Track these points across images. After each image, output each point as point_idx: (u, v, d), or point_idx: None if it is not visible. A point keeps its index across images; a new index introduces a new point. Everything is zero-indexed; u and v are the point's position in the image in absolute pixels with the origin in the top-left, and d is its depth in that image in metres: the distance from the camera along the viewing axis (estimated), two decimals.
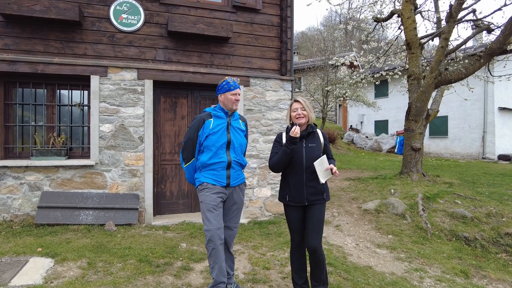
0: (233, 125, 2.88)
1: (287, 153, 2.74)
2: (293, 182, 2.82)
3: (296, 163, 2.79)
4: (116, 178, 5.12)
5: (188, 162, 2.85)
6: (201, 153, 2.84)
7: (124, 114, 5.16)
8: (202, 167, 2.81)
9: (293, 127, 2.71)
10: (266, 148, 5.82)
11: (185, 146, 2.84)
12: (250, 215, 5.68)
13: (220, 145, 2.77)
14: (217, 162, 2.77)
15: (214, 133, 2.77)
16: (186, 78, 5.40)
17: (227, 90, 2.85)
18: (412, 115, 7.66)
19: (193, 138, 2.80)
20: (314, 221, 2.76)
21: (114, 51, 5.15)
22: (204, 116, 2.85)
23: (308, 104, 2.91)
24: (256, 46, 5.81)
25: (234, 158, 2.83)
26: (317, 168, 2.71)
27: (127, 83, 5.17)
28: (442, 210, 5.73)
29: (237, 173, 2.88)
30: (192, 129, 2.82)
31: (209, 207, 2.72)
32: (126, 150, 5.17)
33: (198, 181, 2.85)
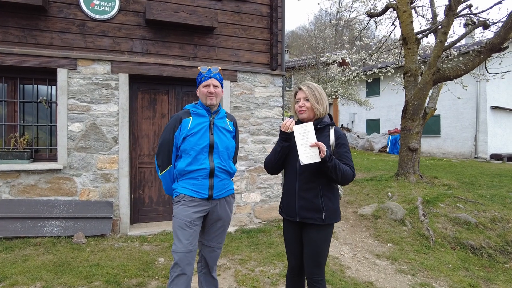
0: (217, 124, 2.39)
1: (276, 151, 2.23)
2: (286, 190, 2.30)
3: (289, 166, 2.26)
4: (87, 184, 4.57)
5: (164, 169, 2.36)
6: (179, 158, 2.36)
7: (96, 112, 4.61)
8: (180, 175, 2.33)
9: (285, 119, 2.17)
10: (255, 149, 5.34)
11: (160, 150, 2.36)
12: (238, 222, 5.20)
13: (200, 149, 2.28)
14: (197, 169, 2.28)
15: (193, 134, 2.28)
16: (166, 71, 4.87)
17: (199, 82, 2.38)
18: (409, 113, 7.29)
19: (168, 141, 2.32)
20: (310, 249, 2.17)
21: (84, 42, 4.59)
22: (181, 114, 2.36)
23: (317, 92, 2.21)
24: (244, 38, 5.32)
25: (218, 164, 2.34)
26: (297, 137, 2.05)
27: (99, 77, 4.62)
28: (443, 215, 5.36)
29: (222, 183, 2.38)
30: (167, 129, 2.34)
31: (181, 223, 2.23)
32: (98, 152, 4.62)
33: (175, 192, 2.36)
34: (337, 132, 2.21)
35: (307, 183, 2.14)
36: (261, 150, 5.38)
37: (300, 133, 2.05)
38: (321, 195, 2.13)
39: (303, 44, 20.01)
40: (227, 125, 2.48)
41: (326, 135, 2.19)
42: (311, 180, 2.13)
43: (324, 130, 2.22)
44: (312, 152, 2.02)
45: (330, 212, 2.14)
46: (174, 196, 2.36)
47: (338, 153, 2.15)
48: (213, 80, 2.36)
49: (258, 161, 5.35)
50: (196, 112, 2.37)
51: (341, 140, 2.19)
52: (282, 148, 2.21)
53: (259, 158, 5.36)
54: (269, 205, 5.41)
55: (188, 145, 2.27)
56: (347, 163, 2.14)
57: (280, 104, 5.51)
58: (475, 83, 13.74)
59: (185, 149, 2.29)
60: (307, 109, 2.19)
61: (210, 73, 2.38)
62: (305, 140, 2.03)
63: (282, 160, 2.26)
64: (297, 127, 2.06)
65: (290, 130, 2.12)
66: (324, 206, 2.12)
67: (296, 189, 2.18)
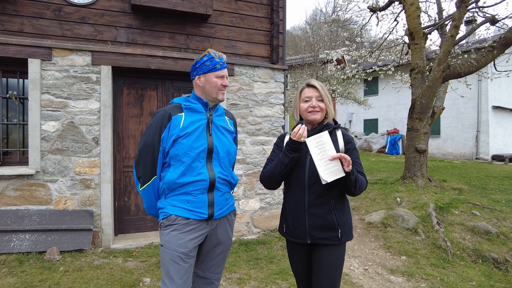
0: (216, 123, 1.90)
1: (284, 163, 1.83)
2: (291, 207, 1.92)
3: (295, 178, 1.90)
4: (63, 191, 4.02)
5: (147, 182, 1.82)
6: (167, 167, 1.83)
7: (74, 109, 4.06)
8: (170, 189, 1.80)
9: (297, 126, 1.80)
10: (254, 151, 4.83)
11: (141, 157, 1.82)
12: (235, 233, 4.68)
13: (197, 154, 1.78)
14: (193, 181, 1.77)
15: (187, 134, 1.78)
16: (154, 64, 4.34)
17: (210, 70, 1.85)
18: (416, 112, 6.84)
19: (153, 144, 1.79)
20: (324, 275, 1.84)
21: (61, 29, 4.04)
22: (170, 110, 1.84)
23: (327, 92, 1.96)
24: (241, 28, 4.81)
25: (219, 174, 1.84)
26: (313, 151, 1.73)
27: (78, 70, 4.07)
28: (459, 223, 4.90)
29: (223, 198, 1.88)
30: (151, 129, 1.81)
31: (174, 256, 1.72)
32: (76, 154, 4.07)
33: (163, 212, 1.82)
34: (346, 136, 1.95)
35: (318, 197, 1.83)
36: (260, 152, 4.87)
37: (316, 146, 1.74)
38: (335, 210, 1.85)
39: (301, 41, 19.55)
40: (227, 124, 1.98)
41: (334, 140, 1.89)
42: (322, 193, 1.83)
43: (331, 134, 1.92)
44: (333, 166, 1.72)
45: (346, 228, 1.88)
46: (161, 217, 1.83)
47: None
48: (226, 71, 1.91)
49: (257, 164, 4.84)
50: (189, 106, 1.85)
51: (351, 145, 1.93)
52: (292, 160, 1.83)
53: (258, 161, 4.85)
54: (269, 213, 4.90)
55: (180, 149, 1.76)
56: (359, 170, 1.88)
57: (281, 101, 5.01)
58: (477, 82, 13.40)
59: (176, 155, 1.77)
60: (320, 110, 1.90)
61: (224, 62, 1.90)
62: (323, 154, 1.73)
63: (288, 173, 1.90)
64: (311, 140, 1.75)
65: (303, 139, 1.77)
66: (340, 222, 1.85)
67: (306, 205, 1.85)
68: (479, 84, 13.63)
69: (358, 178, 1.80)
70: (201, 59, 1.87)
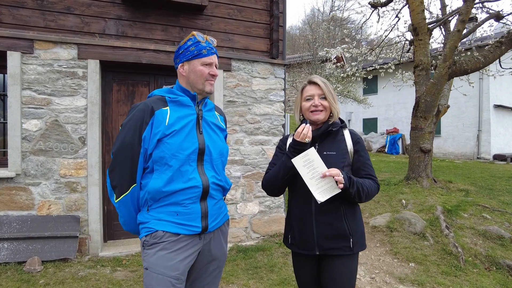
0: (206, 119, 1.61)
1: (287, 166, 1.65)
2: (297, 214, 1.74)
3: (300, 183, 1.67)
4: (47, 195, 3.72)
5: (124, 192, 1.50)
6: (149, 173, 1.53)
7: (59, 107, 3.76)
8: (154, 200, 1.50)
9: (301, 125, 1.63)
10: (253, 151, 4.55)
11: (117, 161, 1.51)
12: (233, 238, 4.39)
13: (187, 156, 1.49)
14: (184, 188, 1.47)
15: (175, 133, 1.48)
16: (145, 58, 4.04)
17: (195, 56, 1.56)
18: (420, 111, 6.58)
19: (131, 145, 1.48)
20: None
21: (44, 20, 3.74)
22: (152, 103, 1.53)
23: (331, 88, 1.77)
24: (239, 20, 4.52)
25: (213, 179, 1.56)
26: (301, 172, 1.58)
27: (63, 64, 3.77)
28: (470, 227, 4.65)
29: (218, 206, 1.61)
30: (129, 127, 1.50)
31: (163, 281, 1.41)
32: (61, 155, 3.77)
33: (145, 228, 1.52)
34: (354, 135, 1.78)
35: (326, 203, 1.62)
36: (259, 153, 4.59)
37: (304, 166, 1.58)
38: (345, 216, 1.68)
39: (299, 39, 19.28)
40: (218, 121, 1.70)
41: (341, 140, 1.75)
42: (331, 198, 1.61)
43: (338, 133, 1.78)
44: (326, 183, 1.57)
45: (358, 236, 1.70)
46: (143, 234, 1.53)
47: (358, 162, 1.73)
48: (214, 57, 1.61)
49: (256, 165, 4.56)
50: (175, 99, 1.56)
51: (360, 145, 1.76)
52: None
53: (257, 162, 4.57)
54: (268, 217, 4.62)
55: (167, 150, 1.47)
56: (369, 173, 1.72)
57: (281, 98, 4.73)
58: (478, 81, 13.19)
59: (162, 158, 1.48)
60: (324, 109, 1.73)
61: (212, 47, 1.60)
62: (313, 172, 1.57)
63: (292, 178, 1.71)
64: (296, 159, 1.59)
65: (308, 140, 1.62)
66: (351, 230, 1.68)
67: (313, 212, 1.68)
68: (481, 83, 13.43)
69: (363, 187, 1.62)
70: (184, 43, 1.58)
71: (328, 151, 1.69)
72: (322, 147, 1.72)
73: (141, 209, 1.57)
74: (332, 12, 22.73)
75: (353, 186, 1.57)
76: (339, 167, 1.61)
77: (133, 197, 1.54)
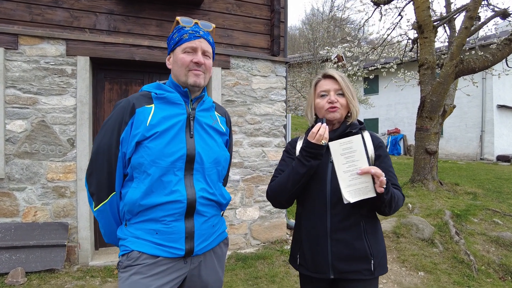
0: (200, 120, 1.37)
1: (299, 173, 1.40)
2: (308, 230, 1.48)
3: (313, 193, 1.46)
4: (33, 200, 3.48)
5: (102, 201, 1.30)
6: (129, 181, 1.32)
7: (46, 106, 3.52)
8: (131, 213, 1.28)
9: (316, 125, 1.38)
10: (253, 153, 4.32)
11: (94, 166, 1.30)
12: (231, 245, 4.16)
13: (170, 164, 1.25)
14: (164, 202, 1.24)
15: (157, 135, 1.26)
16: (138, 55, 3.81)
17: (176, 44, 1.34)
18: (426, 111, 6.36)
19: (108, 149, 1.28)
20: None
21: (30, 14, 3.50)
22: (135, 100, 1.31)
23: (350, 84, 1.51)
24: (238, 16, 4.29)
25: (203, 192, 1.31)
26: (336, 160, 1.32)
27: (50, 61, 3.53)
28: (481, 233, 4.42)
29: (209, 224, 1.35)
30: (107, 128, 1.30)
31: None
32: (49, 158, 3.54)
33: (122, 246, 1.30)
34: (376, 139, 1.53)
35: (345, 218, 1.41)
36: (259, 155, 4.35)
37: (341, 154, 1.32)
38: (366, 234, 1.43)
39: (300, 38, 19.07)
40: (217, 123, 1.45)
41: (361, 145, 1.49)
42: (350, 213, 1.42)
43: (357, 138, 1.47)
44: (361, 182, 1.30)
45: (380, 258, 1.46)
46: (120, 253, 1.31)
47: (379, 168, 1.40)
48: (202, 41, 1.34)
49: (256, 168, 4.32)
50: (162, 96, 1.33)
51: (382, 150, 1.51)
52: (309, 170, 1.40)
53: (258, 165, 4.33)
54: (269, 223, 4.39)
55: (146, 156, 1.24)
56: (393, 183, 1.46)
57: (283, 98, 4.50)
58: (481, 81, 12.98)
59: (140, 164, 1.25)
60: (341, 106, 1.47)
61: (198, 29, 1.35)
62: (350, 165, 1.31)
63: (304, 187, 1.47)
64: (335, 144, 1.32)
65: (325, 142, 1.35)
66: (372, 250, 1.42)
67: (328, 230, 1.42)
68: (484, 83, 13.23)
69: (394, 195, 1.38)
70: (171, 33, 1.38)
71: None
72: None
73: (121, 222, 1.36)
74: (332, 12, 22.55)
75: (388, 192, 1.34)
76: None
77: (113, 207, 1.33)
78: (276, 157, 4.42)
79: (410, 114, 15.72)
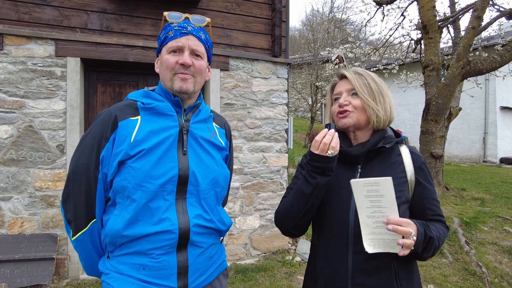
0: (195, 133, 1.17)
1: (304, 194, 1.13)
2: (324, 269, 1.19)
3: (332, 221, 1.18)
4: (19, 211, 3.27)
5: (80, 230, 1.12)
6: (111, 206, 1.13)
7: (34, 110, 3.32)
8: (114, 245, 1.09)
9: (321, 132, 1.10)
10: (253, 159, 4.12)
11: (70, 189, 1.12)
12: (230, 256, 3.96)
13: (159, 187, 1.06)
14: (152, 233, 1.05)
15: (143, 153, 1.06)
16: (132, 55, 3.61)
17: (162, 44, 1.17)
18: (431, 114, 6.16)
19: (87, 169, 1.09)
20: None
21: (17, 12, 3.30)
22: (117, 111, 1.12)
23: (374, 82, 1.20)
24: (238, 15, 4.10)
25: (198, 220, 1.12)
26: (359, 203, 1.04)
27: (38, 62, 3.33)
28: (492, 242, 4.23)
29: (206, 256, 1.16)
30: (85, 145, 1.11)
31: None
32: (37, 166, 3.33)
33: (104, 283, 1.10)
34: (417, 157, 1.20)
35: (371, 257, 1.09)
36: (260, 161, 4.15)
37: (366, 196, 1.03)
38: (398, 279, 1.10)
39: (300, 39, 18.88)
40: (215, 136, 1.24)
41: (397, 162, 1.18)
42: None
43: (393, 152, 1.21)
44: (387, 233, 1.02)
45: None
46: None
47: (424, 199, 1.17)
48: (191, 39, 1.14)
49: (256, 174, 4.12)
50: (150, 106, 1.13)
51: (424, 174, 1.18)
52: (316, 189, 1.11)
53: (258, 171, 4.13)
54: (270, 232, 4.18)
55: (130, 178, 1.05)
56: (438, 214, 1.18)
57: (284, 100, 4.30)
58: (484, 82, 12.81)
59: (123, 188, 1.06)
60: (354, 109, 1.18)
61: (186, 24, 1.15)
62: (374, 210, 1.03)
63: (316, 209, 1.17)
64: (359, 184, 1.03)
65: (333, 153, 1.08)
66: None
67: (349, 270, 1.12)
68: (487, 84, 13.05)
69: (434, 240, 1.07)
70: (159, 33, 1.19)
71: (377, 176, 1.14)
72: (368, 171, 1.17)
73: (104, 252, 1.17)
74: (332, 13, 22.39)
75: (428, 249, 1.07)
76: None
77: (93, 236, 1.14)
78: (278, 163, 4.22)
79: (412, 115, 15.55)
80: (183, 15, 1.17)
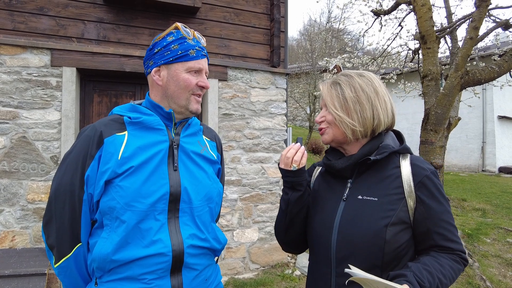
0: (186, 148, 1.11)
1: (282, 210, 1.15)
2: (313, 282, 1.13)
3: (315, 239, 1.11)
4: (11, 224, 3.18)
5: (64, 255, 1.03)
6: (99, 229, 1.06)
7: (28, 121, 3.25)
8: (102, 270, 1.01)
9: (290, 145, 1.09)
10: (252, 170, 4.05)
11: (52, 212, 1.04)
12: (228, 270, 3.85)
13: (150, 206, 1.00)
14: (143, 257, 0.98)
15: (132, 171, 1.00)
16: (129, 65, 3.57)
17: (177, 58, 1.08)
18: (430, 124, 6.07)
19: (71, 190, 1.02)
20: None
21: (12, 21, 3.26)
22: (103, 127, 1.05)
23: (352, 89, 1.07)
24: (236, 25, 4.08)
25: (193, 240, 1.05)
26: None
27: (33, 72, 3.28)
28: (495, 255, 4.15)
29: (201, 279, 1.08)
30: (68, 163, 1.04)
31: None
32: (30, 177, 3.25)
33: None
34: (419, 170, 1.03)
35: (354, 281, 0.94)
36: (259, 172, 4.09)
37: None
38: None
39: (298, 49, 19.01)
40: (206, 149, 1.19)
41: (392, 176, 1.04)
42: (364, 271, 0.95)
43: (389, 164, 1.06)
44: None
45: None
46: None
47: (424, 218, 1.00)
48: (206, 61, 1.14)
49: (255, 186, 4.05)
50: (138, 120, 1.07)
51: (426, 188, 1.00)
52: (290, 205, 1.10)
53: (257, 183, 4.06)
54: (269, 245, 4.09)
55: (119, 198, 0.99)
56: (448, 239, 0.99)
57: (283, 111, 4.26)
58: (481, 91, 12.88)
59: (111, 209, 0.99)
60: (328, 125, 1.10)
61: (202, 47, 1.13)
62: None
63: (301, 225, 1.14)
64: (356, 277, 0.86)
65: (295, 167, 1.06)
66: None
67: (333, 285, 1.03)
68: (484, 93, 13.12)
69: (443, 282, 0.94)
70: (163, 39, 1.11)
71: (365, 194, 1.03)
72: (358, 186, 1.07)
73: (91, 278, 1.08)
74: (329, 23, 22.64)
75: None
76: (380, 225, 0.96)
77: (79, 261, 1.05)
78: (277, 174, 4.15)
79: (410, 125, 15.58)
80: (191, 31, 1.13)
